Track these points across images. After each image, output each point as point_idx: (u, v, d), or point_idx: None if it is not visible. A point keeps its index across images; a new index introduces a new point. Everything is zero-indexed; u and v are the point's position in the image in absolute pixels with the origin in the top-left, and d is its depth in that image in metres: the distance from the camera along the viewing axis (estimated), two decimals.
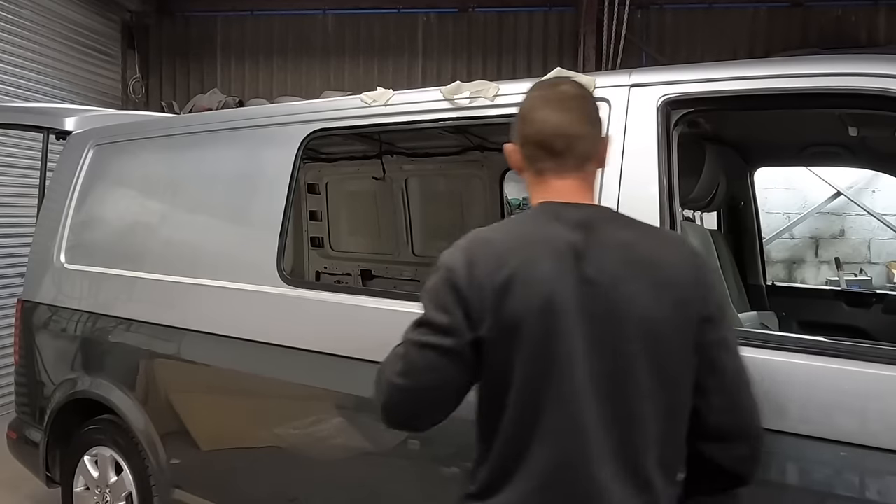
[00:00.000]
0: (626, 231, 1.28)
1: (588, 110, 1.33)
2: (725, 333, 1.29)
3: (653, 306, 1.20)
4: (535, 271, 1.20)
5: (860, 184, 6.47)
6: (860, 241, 6.70)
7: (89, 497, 3.02)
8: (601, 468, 1.17)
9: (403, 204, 4.40)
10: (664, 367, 1.20)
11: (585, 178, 1.33)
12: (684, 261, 1.27)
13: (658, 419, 1.20)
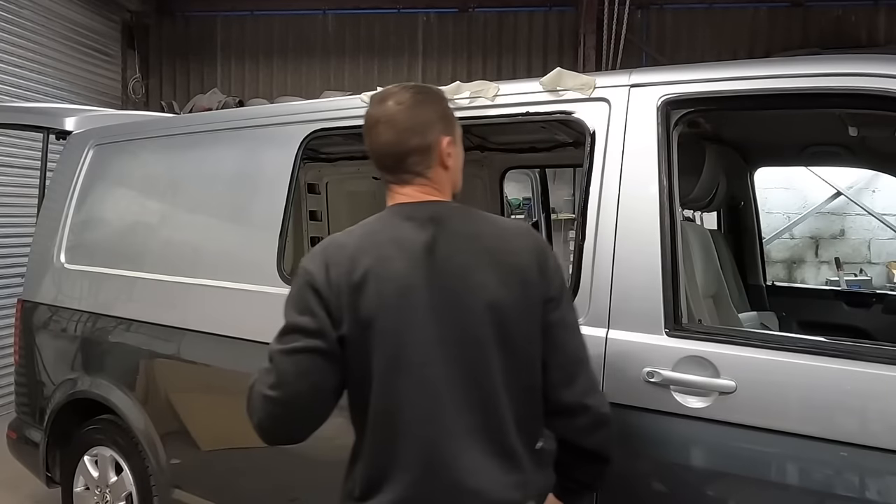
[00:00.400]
0: (473, 223, 1.37)
1: (417, 120, 1.36)
2: (565, 314, 1.37)
3: (500, 292, 1.29)
4: (387, 269, 1.28)
5: (860, 184, 6.48)
6: (860, 241, 6.70)
7: (89, 497, 3.02)
8: (466, 449, 1.25)
9: None
10: (515, 348, 1.30)
11: (428, 182, 1.39)
12: (527, 248, 1.35)
13: (514, 396, 1.29)
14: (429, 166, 1.38)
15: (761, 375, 1.58)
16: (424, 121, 1.37)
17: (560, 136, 3.23)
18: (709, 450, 1.66)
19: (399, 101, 1.37)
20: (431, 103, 1.40)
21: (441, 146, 1.38)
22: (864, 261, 6.70)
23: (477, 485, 1.24)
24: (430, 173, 1.39)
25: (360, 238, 1.35)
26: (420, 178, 1.38)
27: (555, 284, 1.36)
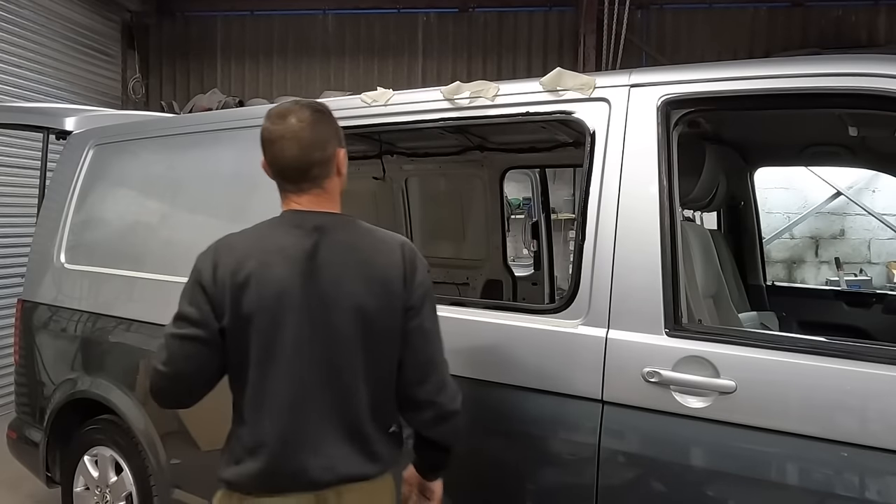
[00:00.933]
0: (351, 235, 1.55)
1: (319, 136, 1.51)
2: (424, 321, 1.54)
3: (367, 298, 1.48)
4: (268, 273, 1.46)
5: (860, 184, 6.48)
6: (860, 241, 6.70)
7: (89, 497, 3.02)
8: (322, 431, 1.46)
9: (403, 204, 4.40)
10: (376, 347, 1.50)
11: (324, 191, 1.56)
12: (395, 262, 1.52)
13: (371, 388, 1.50)
14: (327, 176, 1.55)
15: (761, 375, 1.58)
16: (324, 136, 1.53)
17: (560, 136, 3.24)
18: (709, 450, 1.66)
19: (300, 118, 1.50)
20: (327, 121, 1.55)
21: (339, 157, 1.56)
22: (864, 261, 6.70)
23: (328, 461, 1.46)
24: (326, 183, 1.55)
25: (249, 241, 1.53)
26: (317, 189, 1.55)
27: (416, 296, 1.52)
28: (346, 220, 1.57)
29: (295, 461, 1.46)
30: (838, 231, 6.75)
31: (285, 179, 1.55)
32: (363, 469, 1.50)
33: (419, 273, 1.54)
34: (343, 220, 1.57)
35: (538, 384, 1.86)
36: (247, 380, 1.48)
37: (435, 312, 1.58)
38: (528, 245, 5.68)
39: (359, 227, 1.58)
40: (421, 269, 1.55)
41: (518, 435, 1.91)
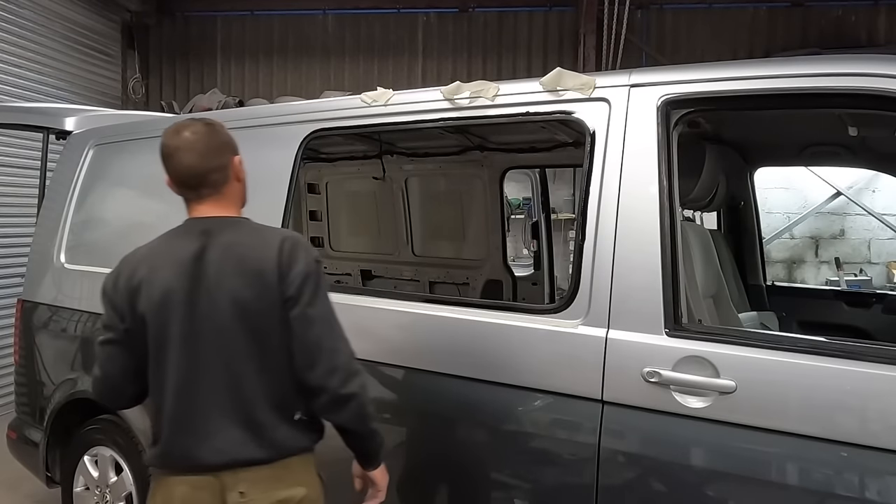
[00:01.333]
0: (235, 234, 1.65)
1: (213, 145, 1.67)
2: (306, 310, 1.59)
3: (245, 292, 1.58)
4: (155, 277, 1.62)
5: (860, 184, 6.48)
6: (860, 241, 6.70)
7: (89, 497, 3.01)
8: (213, 418, 1.58)
9: (403, 204, 4.40)
10: (260, 338, 1.59)
11: (222, 197, 1.69)
12: (272, 257, 1.60)
13: (265, 377, 1.60)
14: (225, 182, 1.68)
15: (761, 375, 1.58)
16: (218, 145, 1.68)
17: (560, 136, 3.24)
18: (709, 450, 1.66)
19: (194, 131, 1.66)
20: (219, 132, 1.70)
21: (234, 164, 1.70)
22: (864, 261, 6.70)
23: (219, 445, 1.58)
24: (225, 189, 1.69)
25: (147, 251, 1.72)
26: (216, 194, 1.68)
27: (293, 286, 1.58)
28: (236, 221, 1.70)
29: (184, 446, 1.61)
30: (838, 231, 6.75)
31: (186, 188, 1.68)
32: (256, 454, 1.58)
33: (297, 264, 1.60)
34: (232, 221, 1.69)
35: (538, 384, 1.86)
36: (149, 376, 1.66)
37: (322, 299, 1.62)
38: (528, 245, 5.69)
39: (245, 227, 1.69)
40: (301, 260, 1.61)
41: (518, 435, 1.91)
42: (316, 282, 1.62)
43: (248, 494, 1.58)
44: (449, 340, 2.04)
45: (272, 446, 1.60)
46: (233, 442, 1.58)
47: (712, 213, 3.50)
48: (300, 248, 1.64)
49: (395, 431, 2.17)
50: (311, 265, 1.62)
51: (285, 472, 1.62)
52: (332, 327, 1.63)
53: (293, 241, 1.65)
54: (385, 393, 2.18)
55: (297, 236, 1.69)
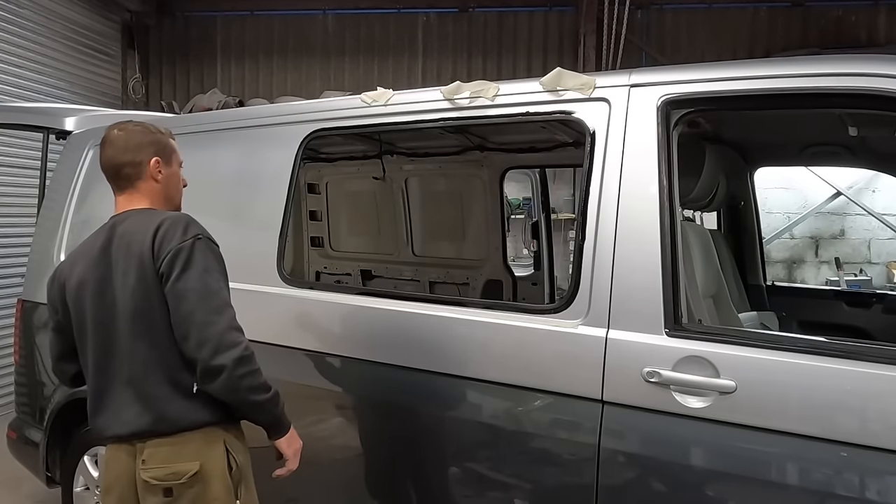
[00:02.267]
0: (131, 223, 1.79)
1: (132, 143, 1.85)
2: (178, 284, 1.68)
3: (132, 275, 1.71)
4: (74, 271, 1.81)
5: (860, 184, 6.47)
6: (860, 241, 6.70)
7: (89, 497, 3.01)
8: (117, 392, 1.74)
9: (403, 204, 4.39)
10: (146, 316, 1.71)
11: (136, 191, 1.87)
12: (149, 238, 1.72)
13: (156, 353, 1.71)
14: (139, 178, 1.86)
15: (761, 375, 1.58)
16: (138, 143, 1.86)
17: (560, 136, 3.24)
18: (709, 450, 1.66)
19: (121, 128, 1.88)
20: (145, 134, 1.88)
21: (150, 163, 1.86)
22: (864, 261, 6.70)
23: (125, 417, 1.72)
24: (139, 184, 1.86)
25: (75, 250, 1.90)
26: (130, 188, 1.87)
27: (165, 261, 1.69)
28: (139, 211, 1.84)
29: (102, 419, 1.77)
30: (838, 231, 6.75)
31: (108, 178, 1.90)
32: (153, 426, 1.69)
33: (168, 241, 1.70)
34: (136, 212, 1.84)
35: (538, 384, 1.86)
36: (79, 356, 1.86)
37: (195, 273, 1.69)
38: (528, 245, 5.68)
39: (142, 215, 1.81)
40: (175, 238, 1.70)
41: (518, 435, 1.91)
42: (187, 257, 1.69)
43: (148, 463, 1.70)
44: (449, 340, 2.04)
45: (165, 420, 1.69)
46: (134, 414, 1.71)
47: (712, 213, 3.50)
48: (177, 226, 1.73)
49: (394, 431, 2.17)
50: (185, 241, 1.70)
51: (183, 447, 1.70)
52: (206, 301, 1.68)
53: (172, 221, 1.75)
54: (384, 393, 2.18)
55: (180, 216, 1.78)
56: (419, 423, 2.14)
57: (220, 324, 1.66)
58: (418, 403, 2.14)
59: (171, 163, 1.93)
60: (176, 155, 1.97)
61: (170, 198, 1.93)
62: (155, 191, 1.89)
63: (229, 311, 1.71)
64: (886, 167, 3.19)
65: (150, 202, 1.88)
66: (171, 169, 1.93)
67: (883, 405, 1.46)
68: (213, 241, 1.79)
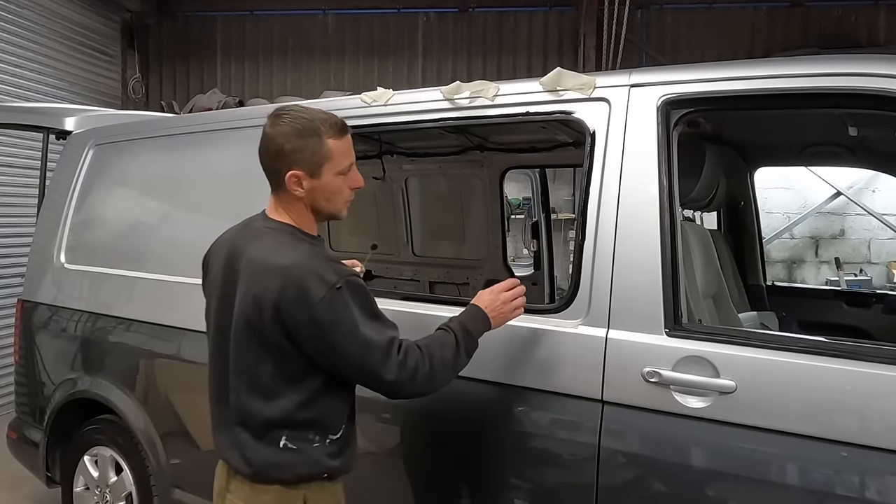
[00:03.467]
0: (260, 247, 1.62)
1: (272, 147, 1.62)
2: (333, 357, 1.58)
3: (247, 311, 1.57)
4: (213, 263, 1.76)
5: (860, 184, 6.48)
6: (860, 241, 6.70)
7: (89, 497, 3.02)
8: (220, 411, 1.68)
9: (403, 204, 4.40)
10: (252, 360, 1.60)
11: (278, 199, 1.69)
12: (274, 293, 1.53)
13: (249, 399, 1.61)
14: (279, 187, 1.66)
15: (761, 375, 1.58)
16: (276, 150, 1.61)
17: (560, 136, 3.24)
18: (709, 450, 1.66)
19: (274, 122, 1.63)
20: (293, 135, 1.60)
21: (286, 176, 1.62)
22: (864, 261, 6.70)
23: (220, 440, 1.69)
24: (281, 194, 1.67)
25: (226, 234, 1.82)
26: (274, 193, 1.69)
27: (303, 331, 1.55)
28: (273, 230, 1.66)
29: (213, 423, 1.72)
30: (838, 231, 6.76)
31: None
32: (239, 466, 1.62)
33: (301, 305, 1.51)
34: (270, 229, 1.66)
35: (538, 384, 1.86)
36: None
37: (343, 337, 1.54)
38: (528, 245, 5.68)
39: (271, 240, 1.63)
40: (304, 300, 1.50)
41: (518, 435, 1.91)
42: (330, 321, 1.51)
43: (233, 494, 1.65)
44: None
45: (249, 465, 1.60)
46: (227, 443, 1.64)
47: (712, 213, 3.50)
48: (307, 283, 1.51)
49: (394, 431, 2.17)
50: (321, 303, 1.49)
51: (259, 496, 1.61)
52: (367, 356, 1.54)
53: (299, 279, 1.51)
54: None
55: (304, 273, 1.52)
56: (418, 423, 2.14)
57: (390, 370, 1.54)
58: (418, 403, 2.14)
59: (319, 173, 1.62)
60: (335, 161, 1.64)
61: (319, 209, 1.69)
62: (296, 203, 1.67)
63: (390, 351, 1.55)
64: (886, 167, 3.19)
65: (291, 216, 1.68)
66: (318, 181, 1.63)
67: (883, 405, 1.46)
68: (351, 278, 1.56)
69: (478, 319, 1.73)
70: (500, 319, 1.77)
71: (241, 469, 1.61)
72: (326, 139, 1.62)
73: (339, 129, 1.65)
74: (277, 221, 1.68)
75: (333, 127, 1.64)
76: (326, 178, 1.65)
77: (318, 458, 1.61)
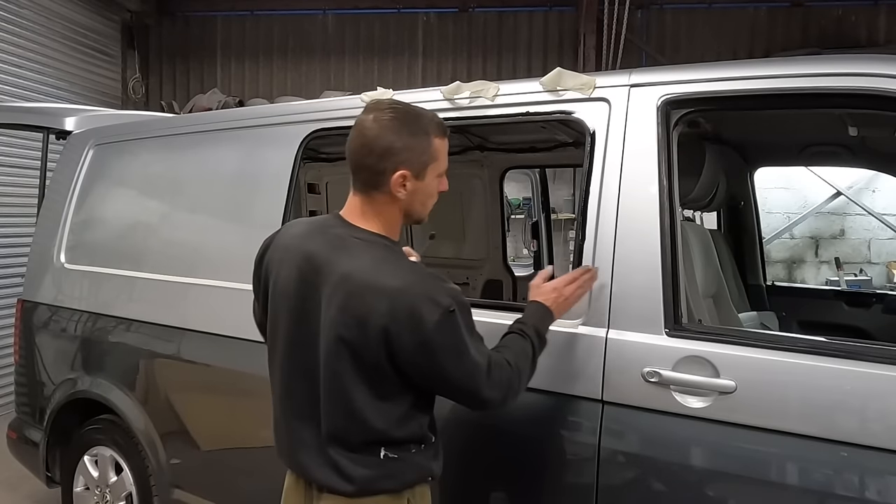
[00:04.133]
0: (357, 261, 1.48)
1: (379, 144, 1.48)
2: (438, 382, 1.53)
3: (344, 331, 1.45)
4: (281, 271, 1.59)
5: (860, 184, 6.48)
6: (860, 241, 6.70)
7: (89, 497, 3.02)
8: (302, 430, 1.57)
9: None
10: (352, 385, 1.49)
11: (369, 203, 1.55)
12: (382, 314, 1.43)
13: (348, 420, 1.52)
14: (375, 188, 1.52)
15: (761, 375, 1.58)
16: (385, 146, 1.48)
17: (560, 136, 3.24)
18: (709, 450, 1.66)
19: (377, 117, 1.51)
20: (403, 131, 1.50)
21: (393, 176, 1.50)
22: (864, 261, 6.70)
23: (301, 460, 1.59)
24: (376, 195, 1.53)
25: (289, 231, 1.69)
26: (364, 196, 1.55)
27: (407, 356, 1.46)
28: (368, 243, 1.51)
29: (281, 442, 1.63)
30: (838, 231, 6.75)
31: (350, 172, 1.55)
32: (336, 485, 1.51)
33: (410, 330, 1.42)
34: (364, 242, 1.51)
35: (538, 384, 1.85)
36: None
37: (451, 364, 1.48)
38: (528, 245, 5.69)
39: (369, 255, 1.49)
40: (414, 325, 1.41)
41: (518, 435, 1.91)
42: (438, 347, 1.43)
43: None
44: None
45: (351, 482, 1.50)
46: (316, 464, 1.52)
47: (712, 213, 3.50)
48: (419, 308, 1.41)
49: None
50: (428, 329, 1.40)
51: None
52: (462, 367, 1.46)
53: (410, 302, 1.41)
54: None
55: (417, 297, 1.42)
56: None
57: (490, 389, 1.50)
58: None
59: (424, 174, 1.55)
60: (438, 162, 1.58)
61: (410, 213, 1.60)
62: (391, 207, 1.55)
63: (491, 372, 1.49)
64: (886, 167, 3.19)
65: (381, 221, 1.55)
66: (421, 182, 1.55)
67: (883, 405, 1.46)
68: (460, 299, 1.47)
69: (546, 319, 1.68)
70: (562, 311, 1.72)
71: (340, 487, 1.50)
72: (433, 138, 1.55)
73: (443, 129, 1.59)
74: (366, 231, 1.54)
75: (440, 126, 1.57)
76: (428, 180, 1.57)
77: (421, 463, 1.57)
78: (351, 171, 1.55)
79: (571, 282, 1.73)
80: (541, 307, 1.70)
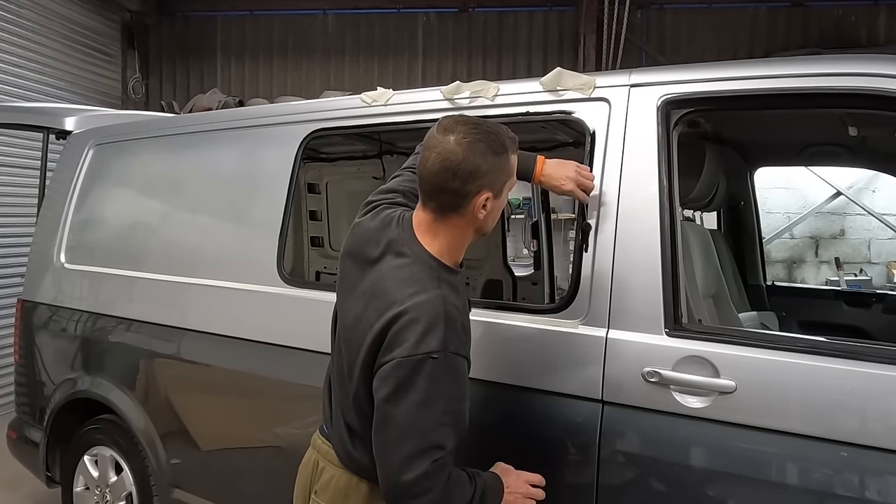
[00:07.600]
0: (385, 271, 1.48)
1: (465, 167, 1.40)
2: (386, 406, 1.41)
3: (361, 334, 1.47)
4: (345, 265, 1.60)
5: (860, 184, 6.47)
6: (860, 241, 6.70)
7: (89, 497, 3.02)
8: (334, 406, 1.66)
9: None
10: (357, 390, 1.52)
11: (441, 223, 1.48)
12: (382, 323, 1.41)
13: (359, 423, 1.55)
14: (454, 210, 1.46)
15: (761, 375, 1.58)
16: (472, 169, 1.41)
17: (560, 135, 3.23)
18: (709, 450, 1.66)
19: (460, 140, 1.41)
20: (489, 152, 1.42)
21: (477, 198, 1.44)
22: (864, 261, 6.70)
23: (329, 422, 1.70)
24: (452, 217, 1.47)
25: (360, 226, 1.64)
26: (437, 215, 1.48)
27: (379, 374, 1.43)
28: (408, 261, 1.47)
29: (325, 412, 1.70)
30: (838, 231, 6.75)
31: (420, 190, 1.49)
32: (340, 453, 1.58)
33: (395, 346, 1.37)
34: (406, 259, 1.48)
35: (538, 384, 1.86)
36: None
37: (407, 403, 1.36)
38: (528, 245, 5.68)
39: (396, 267, 1.47)
40: (401, 342, 1.36)
41: (518, 435, 1.91)
42: (406, 378, 1.33)
43: (319, 496, 1.61)
44: None
45: (349, 458, 1.56)
46: (335, 434, 1.62)
47: (712, 213, 3.50)
48: (414, 328, 1.35)
49: None
50: (411, 357, 1.33)
51: (354, 491, 1.56)
52: (408, 441, 1.34)
53: (412, 317, 1.36)
54: None
55: (428, 310, 1.36)
56: None
57: (413, 471, 1.32)
58: None
59: (501, 193, 1.49)
60: (511, 179, 1.51)
61: (482, 229, 1.53)
62: (466, 230, 1.50)
63: (430, 456, 1.34)
64: (886, 167, 3.19)
65: (447, 240, 1.49)
66: (498, 201, 1.49)
67: (883, 405, 1.46)
68: (458, 355, 1.38)
69: (497, 497, 1.52)
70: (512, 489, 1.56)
71: (343, 463, 1.60)
72: (511, 155, 1.49)
73: (517, 143, 1.52)
74: (423, 249, 1.49)
75: (514, 141, 1.50)
76: (504, 196, 1.52)
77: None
78: (425, 192, 1.47)
79: (534, 483, 1.60)
80: (499, 483, 1.54)
